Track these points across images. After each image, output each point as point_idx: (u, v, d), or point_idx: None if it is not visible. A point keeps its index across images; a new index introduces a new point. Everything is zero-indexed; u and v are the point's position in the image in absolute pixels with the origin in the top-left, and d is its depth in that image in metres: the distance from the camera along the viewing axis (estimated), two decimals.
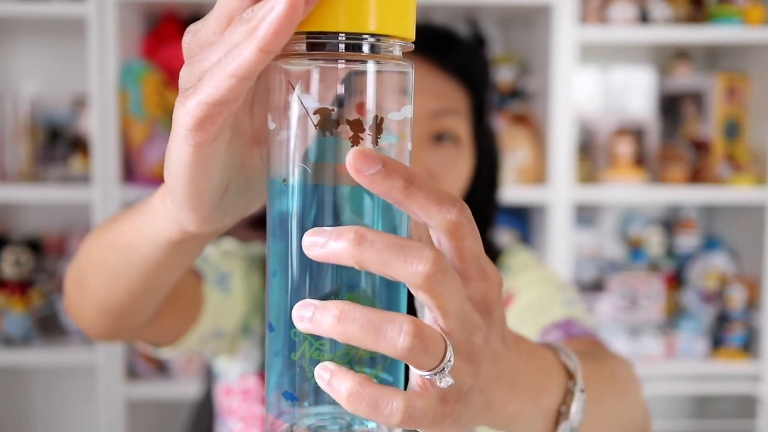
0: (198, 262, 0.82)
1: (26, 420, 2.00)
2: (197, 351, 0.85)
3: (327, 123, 0.37)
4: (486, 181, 0.93)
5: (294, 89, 0.37)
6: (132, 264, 0.55)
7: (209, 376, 1.04)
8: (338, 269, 0.37)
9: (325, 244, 0.35)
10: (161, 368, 1.77)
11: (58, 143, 1.82)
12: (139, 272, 0.55)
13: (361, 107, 0.37)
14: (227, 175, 0.42)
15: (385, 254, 0.34)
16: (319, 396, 0.38)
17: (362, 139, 0.37)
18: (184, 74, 0.38)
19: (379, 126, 0.37)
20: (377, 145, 0.38)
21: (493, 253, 0.94)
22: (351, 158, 0.34)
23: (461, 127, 0.86)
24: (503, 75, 1.86)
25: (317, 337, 0.38)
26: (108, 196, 1.67)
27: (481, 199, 0.93)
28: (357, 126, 0.37)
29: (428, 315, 0.38)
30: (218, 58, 0.35)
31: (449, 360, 0.36)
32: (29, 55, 1.93)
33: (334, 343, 0.37)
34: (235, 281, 0.86)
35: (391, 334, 0.34)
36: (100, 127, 1.66)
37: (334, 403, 0.37)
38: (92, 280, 0.61)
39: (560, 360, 0.48)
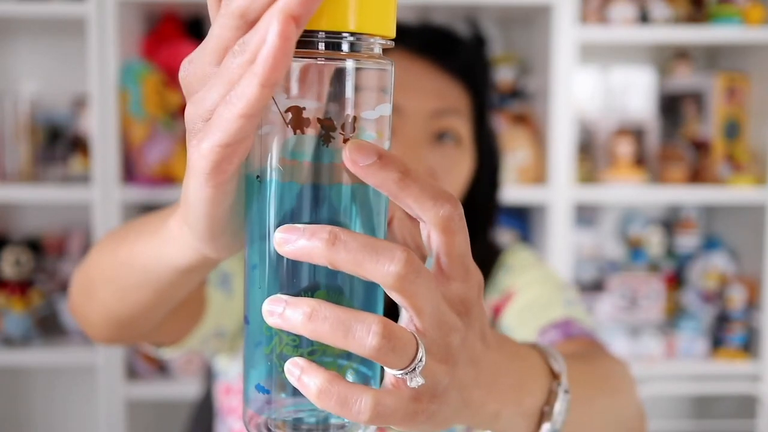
0: None
1: (26, 420, 2.00)
2: (198, 350, 0.85)
3: (298, 121, 0.37)
4: (487, 181, 0.93)
5: None
6: (146, 284, 0.55)
7: (209, 375, 1.04)
8: (314, 266, 0.37)
9: (296, 241, 0.35)
10: (161, 368, 1.77)
11: (58, 143, 1.82)
12: (152, 290, 0.56)
13: (337, 105, 0.37)
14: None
15: (358, 255, 0.35)
16: (296, 389, 0.39)
17: (333, 138, 0.37)
18: (189, 114, 0.37)
19: (352, 125, 0.37)
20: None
21: (494, 251, 0.94)
22: (347, 150, 0.35)
23: (462, 126, 0.86)
24: (503, 75, 1.86)
25: (289, 332, 0.38)
26: (108, 196, 1.67)
27: (483, 199, 0.93)
28: (328, 124, 0.37)
29: (404, 315, 0.38)
30: (220, 94, 0.35)
31: (420, 360, 0.37)
32: (29, 55, 1.93)
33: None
34: (237, 281, 0.86)
35: (360, 334, 0.35)
36: (100, 127, 1.66)
37: None
38: (101, 292, 0.61)
39: (546, 361, 0.49)
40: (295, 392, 0.39)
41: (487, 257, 0.93)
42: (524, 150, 1.73)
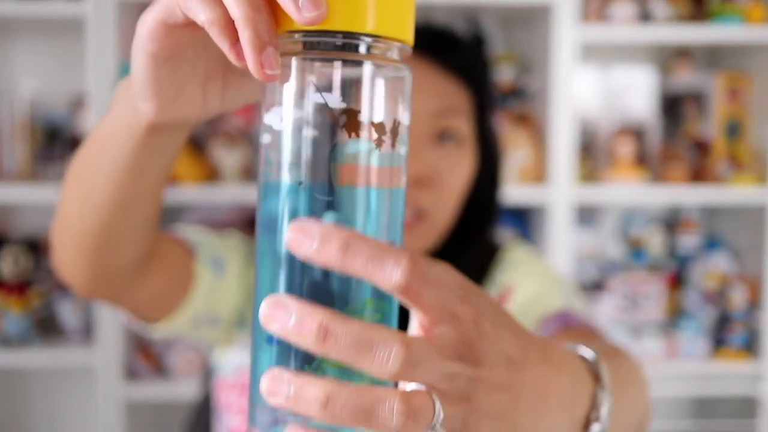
0: (193, 242, 0.83)
1: (25, 420, 2.00)
2: (192, 336, 0.85)
3: (354, 124, 0.36)
4: (488, 180, 0.93)
5: (317, 89, 0.36)
6: (101, 170, 0.57)
7: (208, 376, 1.04)
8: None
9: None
10: (160, 369, 1.77)
11: (57, 143, 1.81)
12: (108, 179, 0.57)
13: (384, 110, 0.37)
14: (185, 84, 0.46)
15: (351, 352, 0.34)
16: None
17: (384, 142, 0.37)
18: None
19: (395, 130, 0.37)
20: (394, 149, 0.37)
21: (492, 249, 0.94)
22: (290, 233, 0.35)
23: (463, 126, 0.86)
24: (503, 75, 1.86)
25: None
26: None
27: (484, 198, 0.93)
28: (380, 129, 0.37)
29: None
30: None
31: (439, 414, 0.36)
32: (28, 55, 1.92)
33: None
34: (231, 268, 0.86)
35: (384, 417, 0.34)
36: None
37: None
38: (68, 206, 0.64)
39: (585, 363, 0.48)
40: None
41: (486, 256, 0.93)
42: (524, 150, 1.73)
